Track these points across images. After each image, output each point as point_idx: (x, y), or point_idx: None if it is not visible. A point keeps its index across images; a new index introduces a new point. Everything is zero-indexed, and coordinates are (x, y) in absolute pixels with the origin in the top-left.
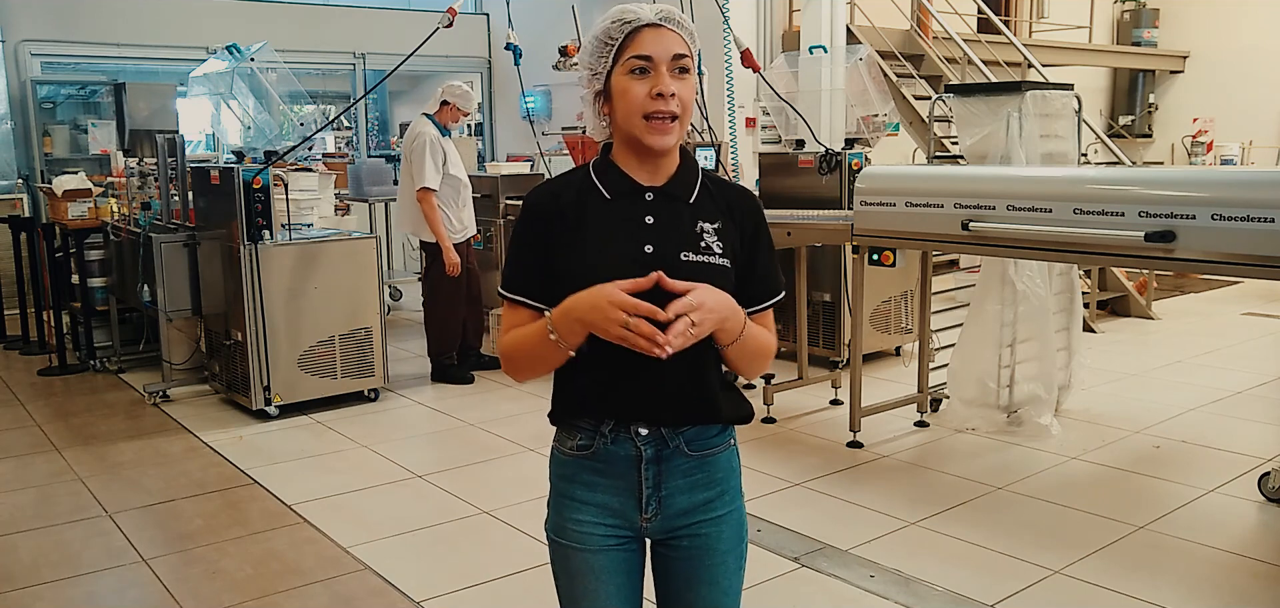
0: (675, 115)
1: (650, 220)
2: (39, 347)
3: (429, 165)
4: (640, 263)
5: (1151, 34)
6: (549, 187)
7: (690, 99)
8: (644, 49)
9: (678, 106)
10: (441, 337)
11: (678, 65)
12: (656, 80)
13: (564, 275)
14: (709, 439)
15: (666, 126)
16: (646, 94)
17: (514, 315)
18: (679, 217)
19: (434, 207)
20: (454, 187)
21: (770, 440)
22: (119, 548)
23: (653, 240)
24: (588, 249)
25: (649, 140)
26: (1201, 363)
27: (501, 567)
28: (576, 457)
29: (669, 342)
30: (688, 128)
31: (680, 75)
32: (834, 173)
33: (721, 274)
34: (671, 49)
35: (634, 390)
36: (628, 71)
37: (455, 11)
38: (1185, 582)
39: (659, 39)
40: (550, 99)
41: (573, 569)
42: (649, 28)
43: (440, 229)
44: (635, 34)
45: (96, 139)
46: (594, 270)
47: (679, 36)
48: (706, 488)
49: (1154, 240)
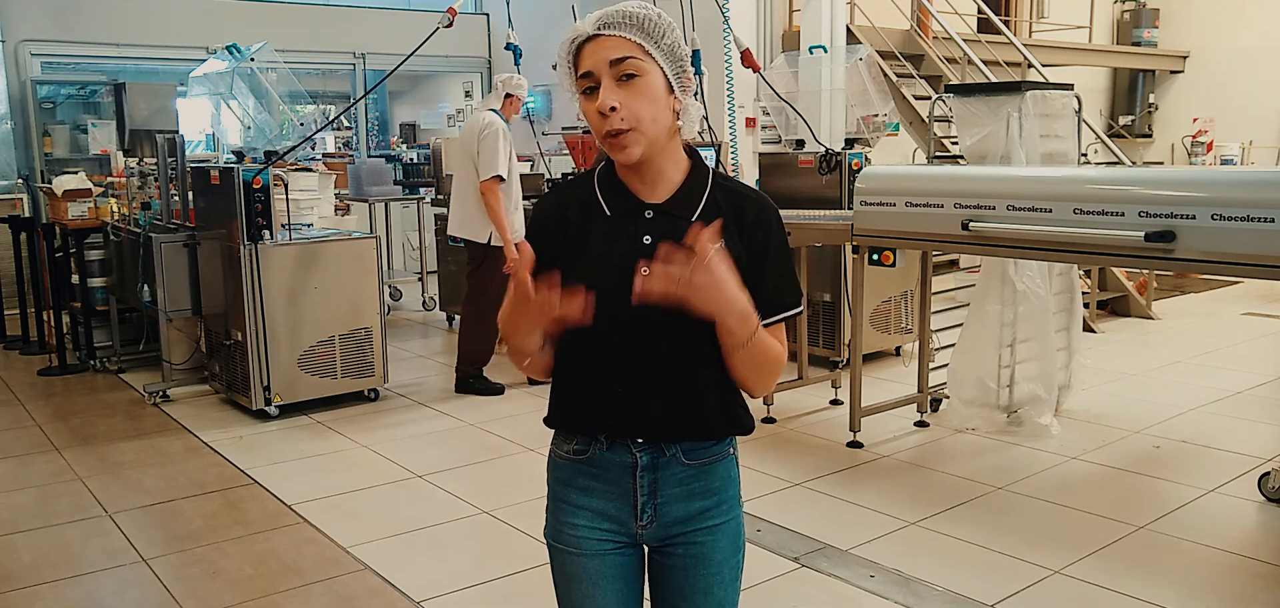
0: (624, 128)
1: (648, 240)
2: (39, 347)
3: (502, 153)
4: (632, 284)
5: (1151, 34)
6: (556, 198)
7: (643, 107)
8: (584, 65)
9: (623, 120)
10: (479, 347)
11: (621, 72)
12: (598, 97)
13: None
14: (706, 449)
15: (621, 141)
16: (596, 112)
17: None
18: (679, 236)
19: (500, 198)
20: (510, 187)
21: (770, 441)
22: (119, 548)
23: (650, 262)
24: (586, 269)
25: (613, 157)
26: (1201, 363)
27: (501, 567)
28: (572, 461)
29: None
30: (674, 123)
31: (626, 82)
32: (834, 173)
33: None
34: (608, 56)
35: (628, 411)
36: (582, 92)
37: (455, 11)
38: (1185, 582)
39: (596, 49)
40: (550, 99)
41: (570, 574)
42: (588, 41)
43: (504, 221)
44: (579, 51)
45: (96, 139)
46: (590, 291)
47: (619, 40)
48: (703, 497)
49: (1154, 240)
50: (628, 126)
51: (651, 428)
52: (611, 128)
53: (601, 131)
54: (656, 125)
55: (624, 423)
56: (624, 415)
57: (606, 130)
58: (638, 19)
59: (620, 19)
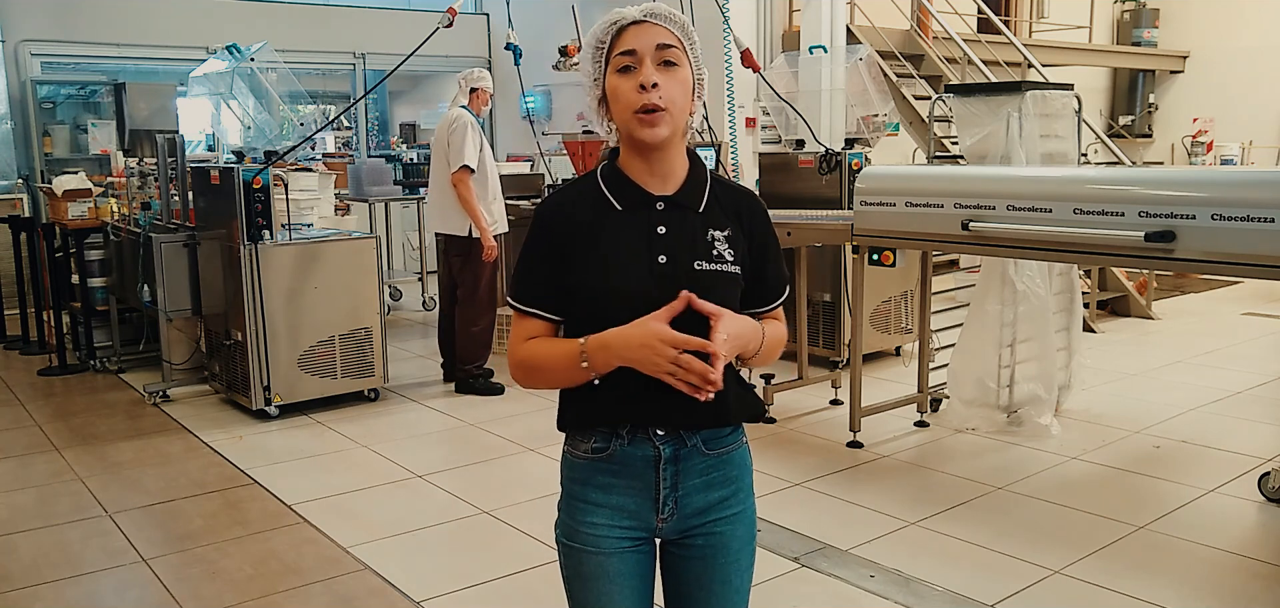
0: (661, 107)
1: (662, 230)
2: (39, 347)
3: (470, 145)
4: (655, 274)
5: (1151, 34)
6: (559, 199)
7: (678, 93)
8: (628, 44)
9: (661, 98)
10: (476, 344)
11: (663, 58)
12: (641, 73)
13: (579, 289)
14: (723, 438)
15: (655, 118)
16: (633, 89)
17: (525, 326)
18: (690, 226)
19: (471, 189)
20: (484, 178)
21: (770, 441)
22: (119, 548)
23: (666, 251)
24: (603, 263)
25: (640, 134)
26: (1201, 363)
27: (501, 567)
28: (592, 460)
29: (717, 385)
30: (687, 122)
31: (666, 68)
32: (834, 173)
33: (732, 281)
34: (654, 40)
35: (650, 400)
36: (617, 70)
37: (455, 11)
38: (1185, 582)
39: (641, 33)
40: (550, 99)
41: (586, 573)
42: (633, 24)
43: (477, 210)
44: (621, 33)
45: (96, 139)
46: (610, 284)
47: (664, 29)
48: (722, 486)
49: (1154, 240)
50: (665, 105)
51: (675, 417)
52: (650, 103)
53: (635, 106)
54: (683, 116)
55: (647, 413)
56: (647, 406)
57: (643, 105)
58: (679, 18)
59: (666, 13)
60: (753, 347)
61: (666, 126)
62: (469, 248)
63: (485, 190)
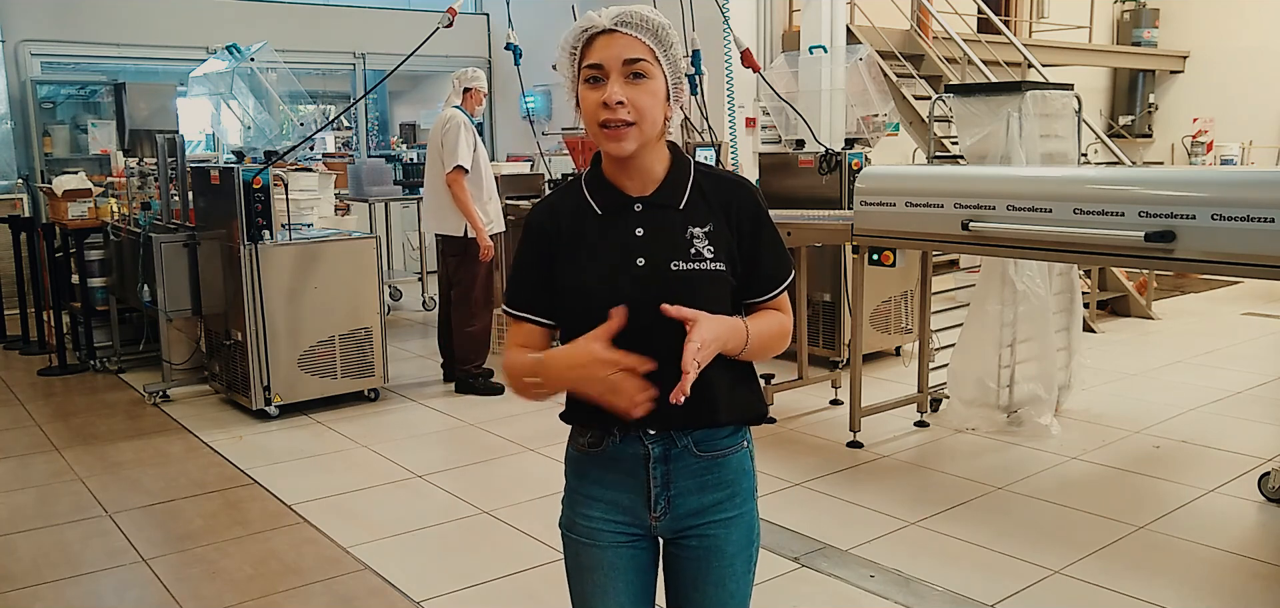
0: (628, 122)
1: (640, 232)
2: (39, 347)
3: (463, 145)
4: (631, 276)
5: (1151, 34)
6: (547, 204)
7: (648, 103)
8: (595, 57)
9: (627, 113)
10: (473, 344)
11: (631, 70)
12: (606, 89)
13: (562, 292)
14: (719, 441)
15: (619, 134)
16: (599, 103)
17: (519, 332)
18: (669, 226)
19: (465, 189)
20: (478, 178)
21: (770, 441)
22: (119, 548)
23: (643, 253)
24: (581, 265)
25: (606, 147)
26: (1201, 363)
27: (501, 567)
28: (588, 453)
29: (683, 391)
30: (665, 126)
31: (634, 81)
32: (834, 173)
33: (714, 279)
34: (622, 54)
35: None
36: (585, 81)
37: (455, 11)
38: (1185, 582)
39: (609, 45)
40: (550, 99)
41: (584, 564)
42: (602, 35)
43: (471, 209)
44: (590, 42)
45: (96, 139)
46: (587, 286)
47: (634, 40)
48: (717, 489)
49: (1154, 240)
50: (630, 121)
51: (660, 417)
52: (614, 119)
53: (599, 121)
54: (653, 126)
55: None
56: None
57: (605, 121)
58: (652, 25)
59: (637, 21)
60: (734, 346)
61: (633, 140)
62: (464, 248)
63: (480, 190)
